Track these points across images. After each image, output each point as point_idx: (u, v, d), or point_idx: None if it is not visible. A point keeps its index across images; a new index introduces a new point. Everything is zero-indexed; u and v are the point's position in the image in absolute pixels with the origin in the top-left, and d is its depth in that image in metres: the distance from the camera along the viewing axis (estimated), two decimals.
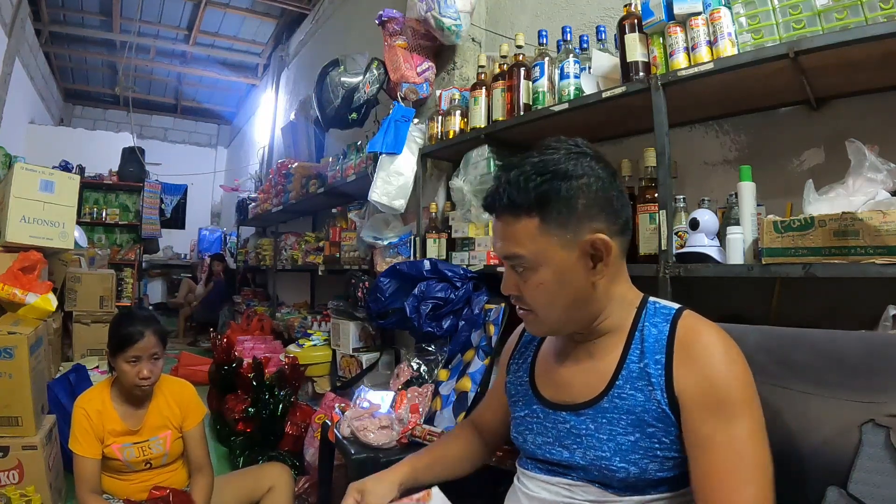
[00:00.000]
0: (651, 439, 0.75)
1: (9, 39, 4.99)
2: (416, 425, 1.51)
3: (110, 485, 1.53)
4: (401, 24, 2.36)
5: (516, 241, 0.78)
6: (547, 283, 0.78)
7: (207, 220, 9.11)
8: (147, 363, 1.51)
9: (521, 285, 0.81)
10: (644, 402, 0.76)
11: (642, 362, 0.78)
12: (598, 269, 0.78)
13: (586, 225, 0.76)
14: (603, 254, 0.77)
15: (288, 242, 4.06)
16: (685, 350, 0.76)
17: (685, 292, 1.22)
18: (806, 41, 1.08)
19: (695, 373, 0.73)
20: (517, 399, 0.93)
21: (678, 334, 0.77)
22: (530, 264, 0.78)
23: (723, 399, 0.71)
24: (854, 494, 0.73)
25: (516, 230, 0.78)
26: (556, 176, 0.75)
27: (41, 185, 2.31)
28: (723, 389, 0.71)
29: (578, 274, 0.78)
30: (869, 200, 1.00)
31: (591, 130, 1.72)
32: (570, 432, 0.81)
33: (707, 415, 0.71)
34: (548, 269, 0.77)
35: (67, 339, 2.74)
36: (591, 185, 0.76)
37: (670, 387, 0.75)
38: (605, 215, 0.78)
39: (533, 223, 0.76)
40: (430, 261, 1.88)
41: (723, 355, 0.74)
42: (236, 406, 2.61)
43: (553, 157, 0.78)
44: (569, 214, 0.76)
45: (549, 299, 0.79)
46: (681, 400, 0.74)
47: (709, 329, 0.78)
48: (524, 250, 0.77)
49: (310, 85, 3.58)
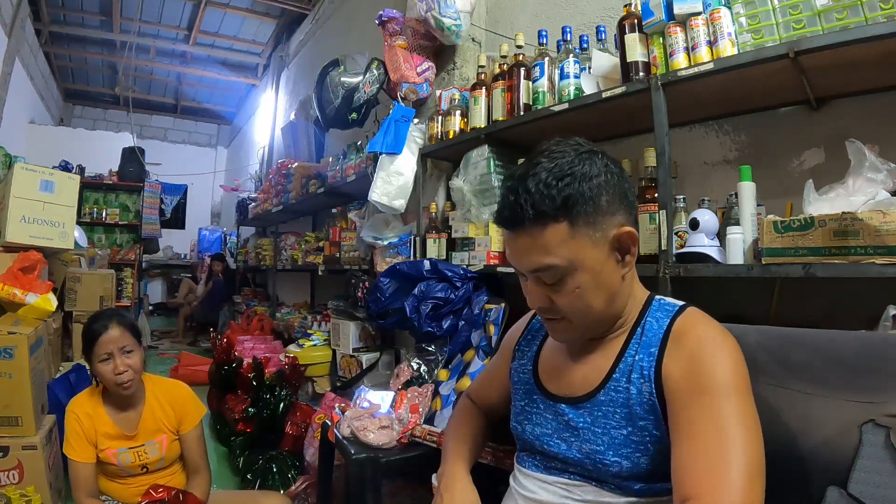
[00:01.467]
0: (642, 432, 0.75)
1: (9, 39, 4.99)
2: (416, 425, 1.51)
3: (108, 488, 1.53)
4: (401, 24, 2.36)
5: (546, 251, 0.75)
6: (583, 286, 0.76)
7: (207, 220, 9.11)
8: (120, 357, 1.46)
9: (552, 296, 0.78)
10: (636, 394, 0.76)
11: (639, 355, 0.78)
12: (626, 261, 0.79)
13: (611, 220, 0.77)
14: (629, 245, 0.78)
15: (288, 242, 4.06)
16: (677, 342, 0.75)
17: (685, 292, 1.21)
18: (806, 41, 1.08)
19: (682, 359, 0.73)
20: (519, 387, 0.94)
21: (675, 328, 0.77)
22: (565, 271, 0.75)
23: (707, 383, 0.69)
24: (854, 494, 0.73)
25: (546, 240, 0.75)
26: (576, 178, 0.75)
27: (41, 185, 2.31)
28: (707, 372, 0.69)
29: (611, 270, 0.78)
30: (869, 200, 1.00)
31: (591, 130, 1.72)
32: (568, 425, 0.82)
33: (690, 398, 0.69)
34: (583, 272, 0.76)
35: (67, 339, 2.74)
36: (610, 181, 0.77)
37: (658, 377, 0.74)
38: (625, 208, 0.78)
39: (562, 228, 0.74)
40: (430, 261, 1.88)
41: (712, 343, 0.73)
42: (236, 406, 2.61)
43: (565, 159, 0.76)
44: (595, 213, 0.75)
45: (587, 302, 0.78)
46: (666, 387, 0.73)
47: (707, 323, 0.77)
48: (557, 259, 0.75)
49: (310, 85, 3.58)
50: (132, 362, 1.49)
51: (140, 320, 5.70)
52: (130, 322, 1.56)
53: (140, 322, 5.63)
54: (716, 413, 0.66)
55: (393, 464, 1.44)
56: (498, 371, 1.05)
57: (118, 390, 1.48)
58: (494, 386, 1.06)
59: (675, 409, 0.71)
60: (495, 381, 1.06)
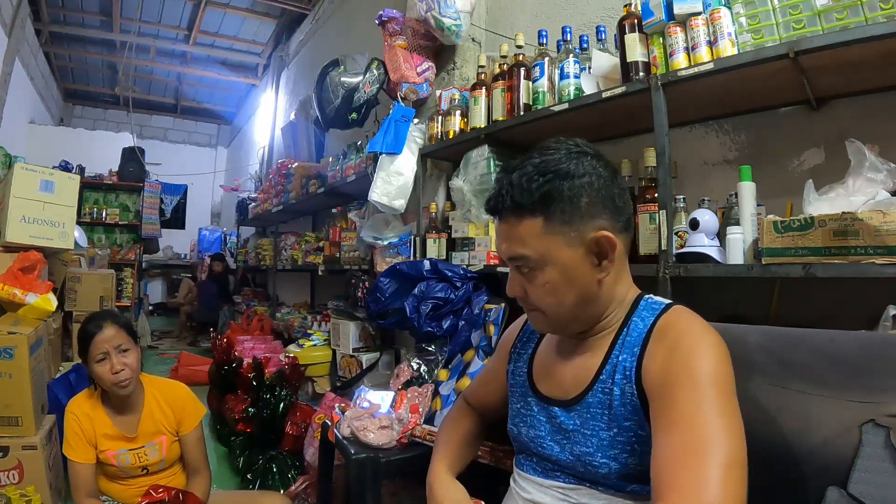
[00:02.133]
0: (628, 433, 0.74)
1: (9, 39, 4.99)
2: (416, 425, 1.51)
3: (108, 488, 1.53)
4: (401, 24, 2.36)
5: (521, 242, 0.78)
6: (553, 282, 0.78)
7: (207, 220, 9.12)
8: (116, 356, 1.46)
9: (526, 286, 0.81)
10: (619, 395, 0.76)
11: (622, 355, 0.78)
12: (603, 266, 0.78)
13: (590, 223, 0.76)
14: (608, 251, 0.77)
15: (288, 242, 4.06)
16: (659, 339, 0.75)
17: (685, 292, 1.22)
18: (806, 41, 1.08)
19: (661, 353, 0.72)
20: (515, 389, 0.94)
21: (657, 325, 0.77)
22: (536, 264, 0.78)
23: (685, 376, 0.67)
24: (854, 494, 0.73)
25: (521, 231, 0.77)
26: (559, 175, 0.76)
27: (41, 185, 2.30)
28: (687, 365, 0.68)
29: (584, 272, 0.78)
30: (869, 200, 1.00)
31: (591, 130, 1.72)
32: (560, 428, 0.82)
33: (668, 391, 0.67)
34: (553, 269, 0.77)
35: (67, 339, 2.74)
36: (594, 184, 0.77)
37: (639, 375, 0.74)
38: (609, 213, 0.78)
39: (537, 223, 0.76)
40: (430, 261, 1.88)
41: (693, 336, 0.72)
42: (236, 406, 2.61)
43: (554, 156, 0.78)
44: (572, 213, 0.76)
45: (556, 298, 0.79)
46: (646, 383, 0.72)
47: (690, 318, 0.77)
48: (529, 251, 0.77)
49: (310, 85, 3.58)
50: (129, 361, 1.48)
51: (140, 320, 5.71)
52: (125, 321, 1.56)
53: (140, 322, 5.63)
54: (694, 406, 0.64)
55: (393, 464, 1.44)
56: (494, 373, 1.05)
57: (116, 390, 1.47)
58: (491, 387, 1.06)
59: (654, 404, 0.69)
60: (491, 382, 1.06)
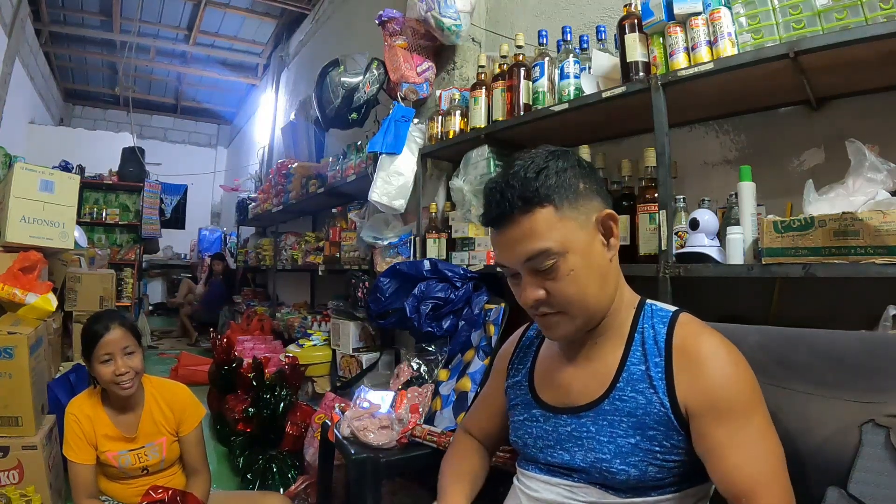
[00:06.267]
0: (651, 442, 0.75)
1: (9, 39, 4.99)
2: (416, 425, 1.51)
3: (109, 489, 1.53)
4: (401, 24, 2.36)
5: (538, 236, 0.77)
6: (577, 269, 0.78)
7: (207, 220, 9.11)
8: (120, 358, 1.46)
9: (547, 284, 0.79)
10: (645, 404, 0.76)
11: (644, 365, 0.79)
12: (611, 243, 0.82)
13: (591, 204, 0.80)
14: (613, 228, 0.81)
15: (288, 242, 4.06)
16: (686, 356, 0.76)
17: (685, 292, 1.22)
18: (806, 41, 1.08)
19: (701, 381, 0.74)
20: (517, 403, 0.93)
21: (676, 338, 0.78)
22: (558, 254, 0.77)
23: (733, 405, 0.73)
24: (854, 494, 0.73)
25: (535, 225, 0.77)
26: (553, 169, 0.78)
27: (41, 185, 2.30)
28: (732, 396, 0.73)
29: (599, 252, 0.80)
30: (869, 200, 1.00)
31: (591, 130, 1.72)
32: (570, 435, 0.81)
33: (718, 421, 0.72)
34: (575, 254, 0.78)
35: (67, 339, 2.73)
36: (581, 173, 0.81)
37: (672, 392, 0.75)
38: (601, 196, 0.82)
39: (549, 212, 0.77)
40: (430, 261, 1.88)
41: (726, 362, 0.75)
42: (236, 406, 2.61)
43: (539, 158, 0.80)
44: (576, 197, 0.79)
45: (580, 287, 0.78)
46: (689, 409, 0.74)
47: (709, 335, 0.78)
48: (550, 242, 0.76)
49: (310, 85, 3.58)
50: (133, 363, 1.49)
51: (140, 320, 5.70)
52: (131, 323, 1.56)
53: (140, 322, 5.63)
54: (753, 428, 0.73)
55: (393, 464, 1.43)
56: (492, 397, 1.04)
57: (117, 390, 1.47)
58: (490, 412, 1.04)
59: (703, 430, 0.74)
60: (490, 407, 1.04)
